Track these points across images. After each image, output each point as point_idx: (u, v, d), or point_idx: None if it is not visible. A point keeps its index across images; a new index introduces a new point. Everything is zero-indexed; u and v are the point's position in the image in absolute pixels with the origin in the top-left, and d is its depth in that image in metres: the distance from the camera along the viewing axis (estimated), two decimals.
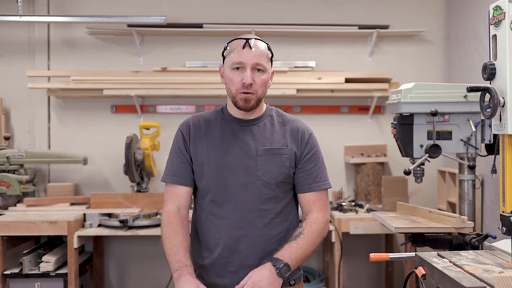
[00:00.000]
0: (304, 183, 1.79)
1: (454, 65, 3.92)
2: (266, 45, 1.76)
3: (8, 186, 3.53)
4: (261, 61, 1.71)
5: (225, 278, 1.74)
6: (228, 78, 1.74)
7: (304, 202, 1.81)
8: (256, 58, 1.70)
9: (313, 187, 1.79)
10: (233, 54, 1.72)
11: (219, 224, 1.74)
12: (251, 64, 1.69)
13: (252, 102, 1.72)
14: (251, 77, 1.69)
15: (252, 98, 1.71)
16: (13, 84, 3.99)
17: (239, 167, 1.73)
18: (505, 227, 1.53)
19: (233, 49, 1.72)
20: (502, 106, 1.54)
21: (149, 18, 3.77)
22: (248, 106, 1.72)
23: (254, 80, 1.70)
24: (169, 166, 1.81)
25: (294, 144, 1.79)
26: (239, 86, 1.70)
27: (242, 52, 1.70)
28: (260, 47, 1.73)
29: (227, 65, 1.74)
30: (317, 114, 4.07)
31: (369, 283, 4.12)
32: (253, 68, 1.70)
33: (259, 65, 1.71)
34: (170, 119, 3.98)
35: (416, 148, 2.62)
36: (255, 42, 1.73)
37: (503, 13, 1.53)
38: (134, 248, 4.03)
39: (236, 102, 1.73)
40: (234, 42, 1.75)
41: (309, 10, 4.07)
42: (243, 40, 1.72)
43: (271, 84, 1.80)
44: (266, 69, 1.73)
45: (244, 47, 1.70)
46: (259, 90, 1.72)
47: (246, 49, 1.70)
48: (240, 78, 1.70)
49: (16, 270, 3.30)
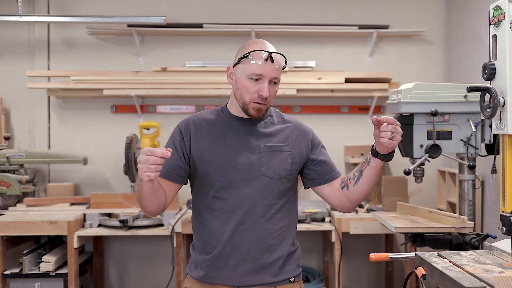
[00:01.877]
0: (325, 174, 1.86)
1: (454, 65, 3.92)
2: (284, 60, 1.80)
3: (8, 186, 3.53)
4: (278, 75, 1.77)
5: (226, 271, 1.77)
6: (242, 85, 1.76)
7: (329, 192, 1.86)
8: (275, 72, 1.75)
9: (334, 175, 1.87)
10: (254, 64, 1.73)
11: (222, 218, 1.77)
12: (270, 77, 1.74)
13: (263, 111, 1.78)
14: (267, 90, 1.73)
15: (264, 108, 1.77)
16: (13, 84, 3.99)
17: (243, 163, 1.76)
18: (505, 227, 1.53)
19: (255, 59, 1.74)
20: (502, 106, 1.54)
21: (149, 18, 3.77)
22: (260, 115, 1.78)
23: (270, 93, 1.75)
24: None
25: (297, 143, 1.84)
26: (254, 96, 1.74)
27: (265, 65, 1.73)
28: (280, 62, 1.77)
29: (244, 72, 1.75)
30: (317, 114, 4.07)
31: (369, 283, 4.12)
32: (270, 81, 1.75)
33: (276, 78, 1.77)
34: (170, 119, 3.98)
35: (416, 148, 2.62)
36: (276, 56, 1.76)
37: (503, 13, 1.53)
38: (134, 248, 4.03)
39: (248, 109, 1.76)
40: (256, 52, 1.74)
41: (309, 10, 4.07)
42: (266, 53, 1.74)
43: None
44: (279, 81, 1.79)
45: (267, 60, 1.73)
46: (271, 100, 1.79)
47: (268, 62, 1.74)
48: (256, 88, 1.74)
49: (16, 270, 3.30)
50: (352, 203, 1.83)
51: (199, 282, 1.80)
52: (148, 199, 1.69)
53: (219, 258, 1.77)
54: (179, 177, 1.79)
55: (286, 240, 1.81)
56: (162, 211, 1.78)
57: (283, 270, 1.80)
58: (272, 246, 1.78)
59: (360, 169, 1.77)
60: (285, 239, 1.81)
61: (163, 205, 1.75)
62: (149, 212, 1.76)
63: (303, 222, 3.37)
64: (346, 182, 1.82)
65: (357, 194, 1.79)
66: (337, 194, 1.85)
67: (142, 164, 1.54)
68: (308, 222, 3.39)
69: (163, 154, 1.53)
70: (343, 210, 1.90)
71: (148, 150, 1.53)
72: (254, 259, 1.76)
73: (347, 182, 1.81)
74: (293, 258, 1.83)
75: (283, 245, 1.80)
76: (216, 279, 1.77)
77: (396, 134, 1.62)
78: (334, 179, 1.86)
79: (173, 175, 1.78)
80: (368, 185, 1.76)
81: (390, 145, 1.64)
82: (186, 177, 1.82)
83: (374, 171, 1.74)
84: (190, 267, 1.85)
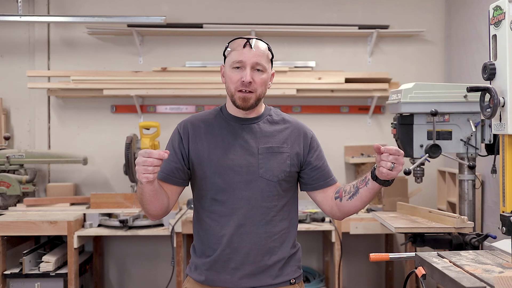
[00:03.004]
0: (319, 180, 1.82)
1: (454, 65, 3.92)
2: (266, 46, 1.78)
3: (8, 186, 3.53)
4: (261, 61, 1.73)
5: (226, 274, 1.76)
6: (228, 77, 1.76)
7: (321, 198, 1.84)
8: (256, 57, 1.72)
9: (329, 181, 1.83)
10: (233, 53, 1.74)
11: (221, 221, 1.75)
12: (251, 63, 1.71)
13: (251, 101, 1.74)
14: (250, 75, 1.70)
15: (251, 97, 1.73)
16: (13, 84, 3.99)
17: (241, 165, 1.74)
18: (505, 227, 1.53)
19: (234, 48, 1.74)
20: (502, 106, 1.54)
21: (149, 18, 3.77)
22: (247, 105, 1.74)
23: (254, 79, 1.71)
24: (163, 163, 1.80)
25: (296, 144, 1.81)
26: (238, 84, 1.72)
27: (243, 51, 1.72)
28: (260, 47, 1.75)
29: (228, 64, 1.76)
30: (317, 114, 4.07)
31: (369, 283, 4.12)
32: (253, 67, 1.72)
33: (258, 64, 1.72)
34: (170, 119, 3.97)
35: (416, 148, 2.62)
36: (256, 42, 1.74)
37: (503, 13, 1.53)
38: (134, 248, 4.03)
39: (235, 100, 1.74)
40: (235, 41, 1.76)
41: (309, 10, 4.07)
42: (244, 40, 1.74)
43: (270, 85, 1.82)
44: (265, 69, 1.75)
45: (245, 46, 1.72)
46: (258, 89, 1.74)
47: (247, 49, 1.72)
48: (239, 76, 1.71)
49: (16, 270, 3.30)
50: (343, 214, 1.81)
51: (199, 283, 1.80)
52: (150, 202, 1.68)
53: (218, 261, 1.76)
54: (179, 180, 1.79)
55: (287, 242, 1.79)
56: (165, 214, 1.77)
57: (283, 272, 1.78)
58: (272, 249, 1.76)
59: (357, 186, 1.74)
60: (285, 241, 1.79)
61: (166, 208, 1.75)
62: (153, 216, 1.75)
63: (303, 222, 3.37)
64: (340, 193, 1.79)
65: (349, 209, 1.77)
66: (329, 202, 1.82)
67: (140, 166, 1.54)
68: (308, 222, 3.39)
69: (160, 155, 1.52)
70: (333, 218, 1.89)
71: (145, 152, 1.53)
72: (254, 262, 1.74)
73: (341, 194, 1.78)
74: (293, 260, 1.82)
75: (284, 248, 1.78)
76: (216, 282, 1.77)
77: (397, 165, 1.58)
78: (328, 186, 1.83)
79: (172, 178, 1.78)
80: (362, 203, 1.74)
81: (389, 176, 1.61)
82: (186, 179, 1.81)
83: (371, 192, 1.70)
84: (191, 267, 1.85)
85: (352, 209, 1.76)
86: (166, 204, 1.74)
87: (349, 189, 1.76)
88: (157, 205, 1.70)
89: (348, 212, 1.79)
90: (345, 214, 1.81)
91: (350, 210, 1.77)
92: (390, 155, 1.58)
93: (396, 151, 1.58)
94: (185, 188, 1.86)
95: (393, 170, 1.58)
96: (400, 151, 1.58)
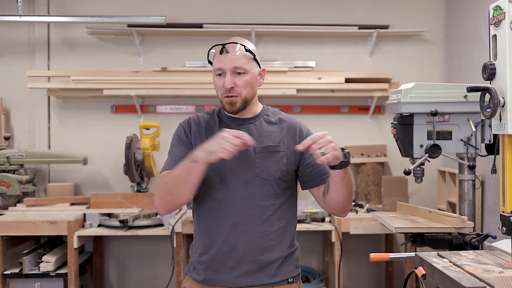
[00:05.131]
0: (315, 176, 1.81)
1: (454, 65, 3.92)
2: (243, 47, 1.77)
3: (8, 186, 3.53)
4: (240, 63, 1.73)
5: (223, 273, 1.76)
6: (215, 84, 1.79)
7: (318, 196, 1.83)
8: (233, 62, 1.73)
9: (324, 179, 1.81)
10: (215, 60, 1.77)
11: (218, 221, 1.76)
12: (230, 68, 1.73)
13: (238, 104, 1.75)
14: (231, 81, 1.72)
15: (237, 100, 1.75)
16: (13, 84, 3.99)
17: (238, 164, 1.74)
18: (505, 227, 1.53)
19: (214, 56, 1.77)
20: (502, 106, 1.54)
21: (149, 18, 3.77)
22: (234, 109, 1.76)
23: (236, 83, 1.73)
24: (172, 156, 1.79)
25: (292, 142, 1.80)
26: (223, 91, 1.75)
27: (220, 58, 1.74)
28: (237, 50, 1.75)
29: (213, 71, 1.79)
30: (317, 114, 4.07)
31: (369, 283, 4.12)
32: (233, 71, 1.73)
33: (237, 68, 1.73)
34: (170, 119, 3.97)
35: (416, 148, 2.62)
36: (231, 46, 1.75)
37: (503, 13, 1.53)
38: (134, 248, 4.03)
39: (224, 106, 1.78)
40: (212, 50, 1.79)
41: (309, 10, 4.07)
42: (220, 46, 1.76)
43: (262, 82, 1.83)
44: (247, 70, 1.75)
45: (222, 53, 1.74)
46: (243, 91, 1.75)
47: (223, 55, 1.74)
48: (222, 83, 1.74)
49: (16, 270, 3.30)
50: (333, 210, 1.80)
51: (198, 283, 1.81)
52: (189, 185, 1.64)
53: (216, 260, 1.76)
54: None
55: (284, 242, 1.79)
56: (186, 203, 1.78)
57: (281, 270, 1.78)
58: (269, 248, 1.76)
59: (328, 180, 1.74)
60: (283, 240, 1.79)
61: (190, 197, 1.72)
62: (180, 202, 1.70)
63: (303, 222, 3.37)
64: (324, 190, 1.79)
65: (331, 202, 1.76)
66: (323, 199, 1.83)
67: (225, 141, 1.55)
68: (308, 222, 3.39)
69: (248, 140, 1.57)
70: (333, 214, 1.88)
71: (236, 132, 1.58)
72: (251, 260, 1.74)
73: (324, 190, 1.79)
74: (291, 259, 1.82)
75: (281, 247, 1.78)
76: (214, 281, 1.77)
77: (324, 148, 1.55)
78: (323, 183, 1.81)
79: None
80: (338, 194, 1.71)
81: (328, 160, 1.57)
82: None
83: (336, 181, 1.68)
84: (189, 267, 1.85)
85: (335, 202, 1.75)
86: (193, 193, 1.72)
87: (326, 185, 1.77)
88: (192, 190, 1.67)
89: (335, 206, 1.77)
90: (334, 210, 1.79)
91: (334, 204, 1.76)
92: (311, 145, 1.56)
93: (311, 139, 1.56)
94: None
95: (325, 153, 1.55)
96: (318, 134, 1.57)
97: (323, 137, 1.57)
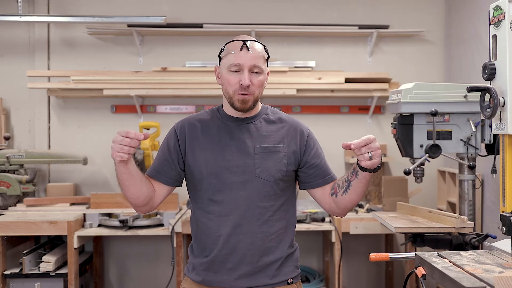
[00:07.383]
0: (317, 177, 1.82)
1: (454, 65, 3.92)
2: (262, 47, 1.78)
3: (8, 186, 3.53)
4: (258, 62, 1.73)
5: (222, 274, 1.76)
6: (225, 79, 1.76)
7: (320, 195, 1.83)
8: (254, 60, 1.72)
9: (327, 179, 1.82)
10: (230, 56, 1.74)
11: (218, 222, 1.75)
12: (249, 66, 1.71)
13: (250, 103, 1.74)
14: (248, 78, 1.71)
15: (250, 99, 1.74)
16: (13, 84, 3.99)
17: (238, 165, 1.74)
18: (505, 227, 1.53)
19: (230, 51, 1.74)
20: (502, 106, 1.54)
21: (149, 18, 3.77)
22: (246, 107, 1.75)
23: (252, 82, 1.72)
24: (154, 161, 1.85)
25: (293, 143, 1.80)
26: (236, 87, 1.72)
27: (240, 54, 1.72)
28: (257, 48, 1.75)
29: (224, 66, 1.76)
30: (317, 114, 4.07)
31: (369, 283, 4.12)
32: (250, 69, 1.72)
33: (256, 67, 1.73)
34: (170, 119, 3.97)
35: (416, 148, 2.62)
36: (252, 43, 1.74)
37: (503, 13, 1.53)
38: (134, 248, 4.03)
39: (233, 103, 1.75)
40: (231, 44, 1.76)
41: (309, 10, 4.07)
42: (241, 42, 1.74)
43: (266, 84, 1.82)
44: (262, 70, 1.75)
45: (242, 49, 1.72)
46: (256, 91, 1.75)
47: (244, 51, 1.72)
48: (237, 79, 1.72)
49: (16, 270, 3.30)
50: (342, 210, 1.80)
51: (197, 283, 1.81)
52: (124, 186, 1.70)
53: (215, 262, 1.76)
54: (169, 179, 1.80)
55: (284, 242, 1.79)
56: (147, 206, 1.78)
57: (281, 271, 1.78)
58: (269, 249, 1.76)
59: (348, 179, 1.72)
60: (282, 241, 1.79)
61: (147, 200, 1.75)
62: (132, 204, 1.77)
63: (303, 222, 3.37)
64: (335, 189, 1.78)
65: (346, 203, 1.76)
66: (328, 199, 1.82)
67: (116, 144, 1.60)
68: (308, 222, 3.39)
69: (136, 136, 1.58)
70: (334, 215, 1.89)
71: (123, 131, 1.59)
72: (250, 262, 1.74)
73: (336, 190, 1.78)
74: (291, 259, 1.82)
75: (281, 247, 1.78)
76: (213, 282, 1.77)
77: (373, 152, 1.57)
78: (326, 183, 1.82)
79: (162, 176, 1.79)
80: (357, 195, 1.73)
81: (373, 165, 1.60)
82: (176, 179, 1.81)
83: (362, 182, 1.69)
84: (188, 268, 1.85)
85: (349, 203, 1.75)
86: (148, 196, 1.75)
87: (342, 184, 1.76)
88: (133, 191, 1.71)
89: (346, 207, 1.78)
90: (344, 210, 1.80)
91: (347, 205, 1.76)
92: (362, 147, 1.57)
93: (365, 141, 1.57)
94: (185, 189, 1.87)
95: (373, 158, 1.58)
96: (370, 138, 1.58)
97: (374, 142, 1.58)
